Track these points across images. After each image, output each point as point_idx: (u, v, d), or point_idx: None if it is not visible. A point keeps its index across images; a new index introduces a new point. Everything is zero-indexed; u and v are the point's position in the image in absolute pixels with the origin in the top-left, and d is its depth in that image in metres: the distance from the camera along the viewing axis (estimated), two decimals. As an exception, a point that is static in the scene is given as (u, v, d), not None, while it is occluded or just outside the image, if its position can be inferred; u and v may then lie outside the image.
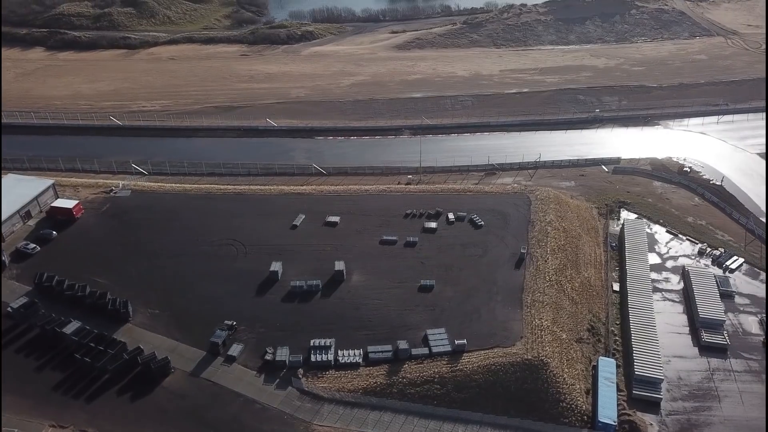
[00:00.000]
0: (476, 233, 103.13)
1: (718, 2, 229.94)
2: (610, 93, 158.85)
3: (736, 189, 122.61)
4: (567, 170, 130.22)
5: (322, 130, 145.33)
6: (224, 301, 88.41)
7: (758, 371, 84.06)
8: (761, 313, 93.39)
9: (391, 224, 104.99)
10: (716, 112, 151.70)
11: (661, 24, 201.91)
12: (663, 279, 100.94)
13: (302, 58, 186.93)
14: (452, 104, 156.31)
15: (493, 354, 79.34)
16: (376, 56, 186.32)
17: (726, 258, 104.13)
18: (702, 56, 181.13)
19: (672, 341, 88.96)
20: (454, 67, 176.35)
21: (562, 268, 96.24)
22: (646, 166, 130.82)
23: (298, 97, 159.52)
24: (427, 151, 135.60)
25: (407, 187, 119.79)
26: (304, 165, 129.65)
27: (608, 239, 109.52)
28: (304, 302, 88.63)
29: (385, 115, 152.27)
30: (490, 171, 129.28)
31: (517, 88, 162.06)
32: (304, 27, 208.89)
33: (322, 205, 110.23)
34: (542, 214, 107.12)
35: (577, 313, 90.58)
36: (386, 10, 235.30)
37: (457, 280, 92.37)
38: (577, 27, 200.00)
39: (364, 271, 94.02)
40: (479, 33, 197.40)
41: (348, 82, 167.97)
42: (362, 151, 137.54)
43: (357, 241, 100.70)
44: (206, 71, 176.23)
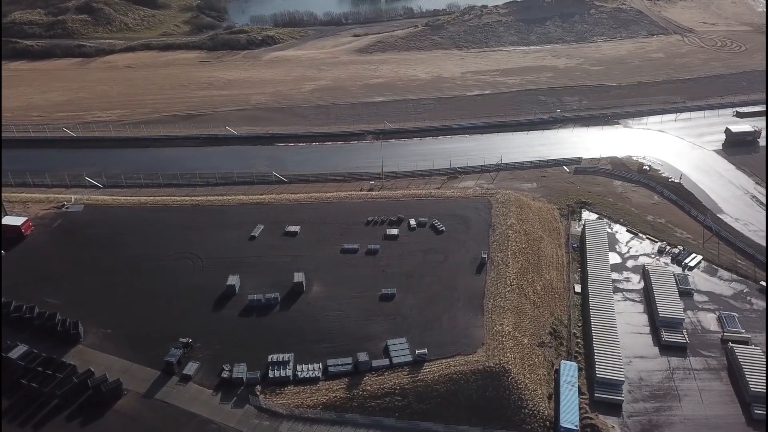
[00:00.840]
0: (438, 239, 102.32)
1: (675, 1, 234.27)
2: (571, 93, 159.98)
3: (694, 186, 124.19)
4: (529, 172, 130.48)
5: (283, 137, 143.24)
6: (180, 318, 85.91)
7: (717, 368, 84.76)
8: (719, 310, 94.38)
9: (352, 232, 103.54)
10: (674, 109, 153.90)
11: (620, 23, 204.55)
12: (624, 279, 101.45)
13: (263, 63, 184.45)
14: (414, 108, 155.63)
15: (455, 362, 78.42)
16: (337, 60, 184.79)
17: (685, 256, 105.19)
18: (660, 54, 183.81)
19: (633, 341, 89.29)
20: (416, 70, 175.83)
21: (523, 272, 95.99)
22: (607, 166, 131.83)
23: (258, 103, 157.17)
24: (390, 155, 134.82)
25: (369, 193, 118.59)
26: (264, 173, 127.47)
27: (570, 240, 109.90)
28: (262, 316, 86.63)
29: (347, 120, 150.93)
30: (452, 175, 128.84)
31: (479, 90, 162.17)
32: (264, 32, 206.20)
33: (281, 215, 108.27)
34: (503, 217, 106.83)
35: (539, 317, 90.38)
36: (348, 13, 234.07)
37: (419, 287, 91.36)
38: (538, 27, 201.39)
39: (325, 282, 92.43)
40: (441, 35, 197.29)
41: (309, 87, 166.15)
42: (324, 157, 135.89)
43: (317, 250, 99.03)
44: (164, 79, 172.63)
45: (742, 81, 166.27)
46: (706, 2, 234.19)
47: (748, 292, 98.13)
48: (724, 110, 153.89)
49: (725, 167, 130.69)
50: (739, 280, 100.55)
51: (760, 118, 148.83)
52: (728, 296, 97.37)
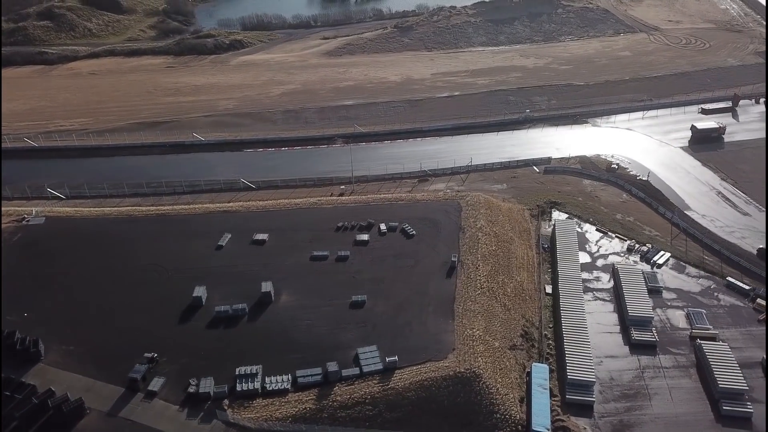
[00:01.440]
0: (408, 243, 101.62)
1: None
2: (540, 93, 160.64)
3: (661, 183, 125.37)
4: (499, 173, 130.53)
5: (252, 143, 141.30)
6: (145, 332, 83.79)
7: (686, 366, 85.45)
8: (687, 307, 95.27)
9: (322, 239, 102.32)
10: (641, 107, 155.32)
11: (587, 22, 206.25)
12: (594, 278, 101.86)
13: (231, 68, 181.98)
14: (385, 110, 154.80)
15: (425, 369, 77.72)
16: (306, 63, 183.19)
17: (653, 253, 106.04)
18: (626, 53, 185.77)
19: (604, 341, 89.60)
20: (386, 72, 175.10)
21: (493, 274, 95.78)
22: (576, 165, 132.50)
23: (226, 109, 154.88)
24: (360, 159, 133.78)
25: (339, 198, 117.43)
26: (232, 180, 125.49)
27: (540, 241, 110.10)
28: (229, 328, 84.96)
29: (316, 124, 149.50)
30: (423, 178, 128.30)
31: (448, 91, 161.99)
32: (232, 36, 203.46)
33: (249, 222, 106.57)
34: (473, 220, 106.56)
35: (510, 320, 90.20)
36: (318, 15, 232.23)
37: (389, 293, 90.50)
38: (506, 28, 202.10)
39: (294, 291, 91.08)
40: (410, 36, 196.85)
41: (278, 91, 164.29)
42: (293, 162, 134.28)
43: (286, 258, 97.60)
44: (129, 85, 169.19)
45: (706, 78, 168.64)
46: (671, 0, 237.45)
47: (715, 288, 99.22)
48: (690, 107, 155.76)
49: (691, 164, 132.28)
50: (706, 277, 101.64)
51: (724, 115, 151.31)
52: (696, 293, 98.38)
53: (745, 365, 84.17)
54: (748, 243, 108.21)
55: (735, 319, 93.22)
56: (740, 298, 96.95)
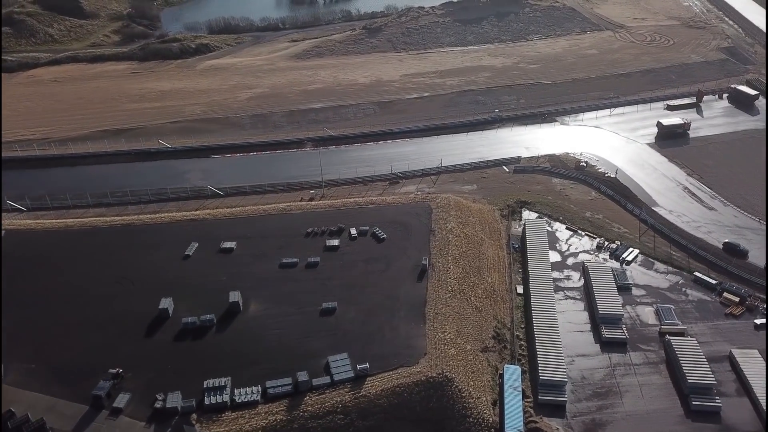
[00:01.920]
0: (379, 247, 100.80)
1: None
2: (509, 92, 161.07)
3: (629, 180, 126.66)
4: (469, 173, 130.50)
5: (219, 148, 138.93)
6: (110, 347, 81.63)
7: (656, 362, 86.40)
8: (656, 303, 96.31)
9: (291, 245, 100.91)
10: (608, 105, 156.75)
11: (554, 21, 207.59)
12: (565, 277, 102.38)
13: (197, 72, 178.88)
14: (354, 113, 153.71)
15: (397, 375, 77.07)
16: (275, 67, 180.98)
17: (622, 251, 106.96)
18: (593, 51, 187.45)
19: (575, 340, 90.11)
20: (355, 75, 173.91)
21: (464, 276, 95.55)
22: (545, 164, 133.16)
23: (193, 114, 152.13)
24: (331, 163, 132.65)
25: (309, 203, 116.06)
26: (200, 187, 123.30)
27: (510, 241, 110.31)
28: (197, 340, 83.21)
29: (285, 128, 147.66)
30: (394, 180, 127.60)
31: (418, 92, 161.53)
32: (198, 40, 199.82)
33: (217, 231, 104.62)
34: (443, 222, 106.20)
35: (482, 322, 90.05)
36: (286, 18, 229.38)
37: (360, 298, 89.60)
38: (475, 27, 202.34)
39: (263, 299, 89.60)
40: (379, 38, 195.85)
41: (246, 95, 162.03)
42: (262, 167, 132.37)
43: (255, 266, 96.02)
44: (93, 93, 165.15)
45: (671, 74, 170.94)
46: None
47: (683, 284, 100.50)
48: (656, 104, 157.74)
49: (658, 160, 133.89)
50: (674, 272, 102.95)
51: (689, 111, 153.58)
52: (664, 288, 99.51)
53: (713, 359, 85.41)
54: (714, 237, 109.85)
55: (703, 313, 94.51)
56: (707, 293, 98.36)
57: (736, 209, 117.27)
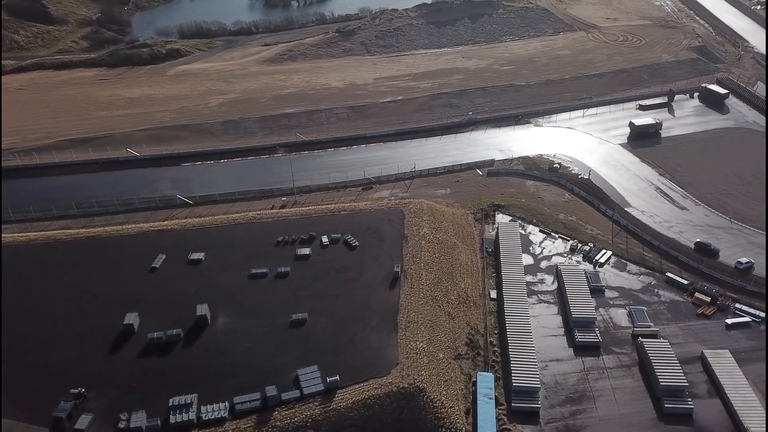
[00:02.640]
0: (351, 255, 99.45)
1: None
2: (482, 95, 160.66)
3: (602, 181, 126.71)
4: (443, 177, 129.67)
5: (190, 156, 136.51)
6: (72, 366, 79.27)
7: (629, 365, 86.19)
8: (629, 305, 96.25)
9: (261, 255, 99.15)
10: (581, 106, 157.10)
11: (528, 22, 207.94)
12: (538, 280, 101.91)
13: (167, 78, 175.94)
14: (327, 118, 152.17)
15: (368, 387, 75.79)
16: (247, 72, 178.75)
17: (595, 252, 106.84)
18: (566, 52, 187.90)
19: (549, 344, 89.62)
20: (328, 79, 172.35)
21: (437, 283, 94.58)
22: (519, 166, 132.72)
23: (162, 121, 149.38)
24: (303, 169, 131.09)
25: (280, 211, 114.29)
26: (169, 197, 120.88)
27: (484, 245, 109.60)
28: (163, 356, 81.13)
29: (257, 134, 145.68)
30: (367, 186, 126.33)
31: (391, 96, 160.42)
32: (169, 45, 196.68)
33: (185, 242, 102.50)
34: (416, 228, 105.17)
35: (455, 328, 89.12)
36: (259, 21, 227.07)
37: (331, 309, 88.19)
38: (448, 29, 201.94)
39: (231, 312, 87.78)
40: (352, 41, 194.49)
41: (217, 101, 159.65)
42: (233, 174, 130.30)
43: (223, 278, 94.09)
44: (60, 101, 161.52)
45: (643, 74, 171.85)
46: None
47: (655, 285, 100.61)
48: (628, 104, 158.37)
49: (630, 160, 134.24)
50: (646, 273, 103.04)
51: (661, 110, 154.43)
52: (637, 290, 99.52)
53: (685, 360, 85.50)
54: (685, 237, 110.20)
55: (675, 314, 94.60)
56: (679, 293, 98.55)
57: (708, 209, 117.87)
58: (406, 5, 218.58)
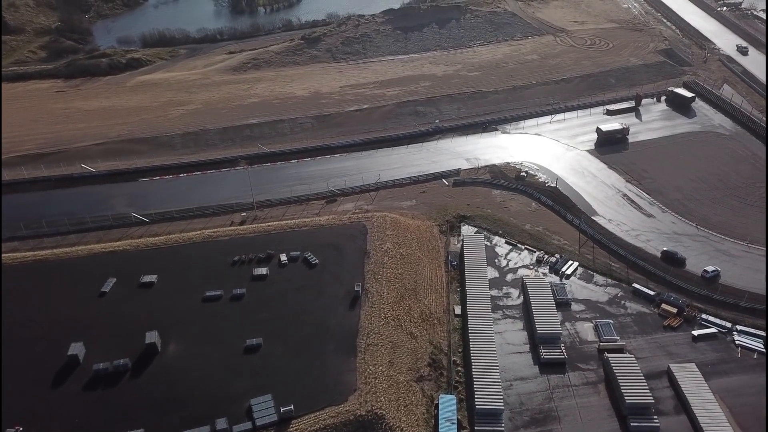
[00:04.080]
0: (310, 274, 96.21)
1: (548, 0, 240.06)
2: (449, 101, 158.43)
3: (569, 189, 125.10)
4: (408, 188, 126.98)
5: (148, 171, 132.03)
6: (10, 402, 74.80)
7: (595, 382, 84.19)
8: (596, 318, 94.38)
9: (216, 276, 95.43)
10: (549, 111, 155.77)
11: (495, 26, 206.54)
12: (504, 294, 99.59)
13: (127, 89, 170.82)
14: (291, 128, 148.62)
15: (324, 415, 72.71)
16: (209, 81, 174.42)
17: (562, 264, 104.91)
18: (534, 56, 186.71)
19: (513, 363, 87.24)
20: (292, 87, 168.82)
21: (399, 300, 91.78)
22: (485, 175, 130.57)
23: (120, 135, 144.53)
24: (265, 182, 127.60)
25: (238, 228, 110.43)
26: (124, 214, 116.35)
27: (449, 258, 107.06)
28: (109, 388, 77.12)
29: (218, 146, 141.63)
30: (331, 198, 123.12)
31: (357, 104, 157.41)
32: (129, 54, 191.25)
33: (137, 263, 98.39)
34: (378, 243, 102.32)
35: (417, 349, 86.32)
36: (224, 28, 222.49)
37: (288, 332, 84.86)
38: (416, 35, 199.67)
39: (183, 338, 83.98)
40: (318, 48, 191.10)
41: (178, 112, 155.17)
42: (192, 189, 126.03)
43: (176, 302, 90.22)
44: (12, 114, 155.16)
45: (610, 78, 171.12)
46: (576, 1, 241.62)
47: (622, 296, 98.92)
48: (596, 109, 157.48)
49: (598, 167, 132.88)
50: (613, 284, 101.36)
51: (628, 115, 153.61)
52: (604, 302, 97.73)
53: (651, 376, 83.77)
54: (652, 246, 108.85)
55: (641, 326, 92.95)
56: (646, 304, 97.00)
57: (674, 215, 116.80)
58: (373, 10, 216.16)
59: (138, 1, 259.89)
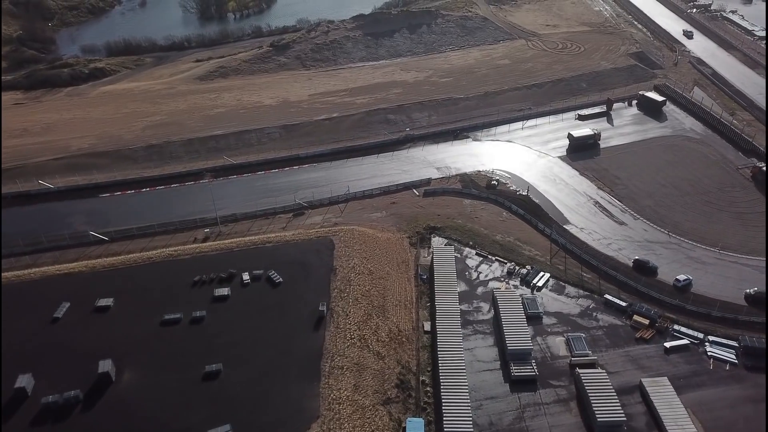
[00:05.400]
0: (273, 293, 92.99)
1: (520, 4, 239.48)
2: (420, 109, 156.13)
3: (541, 197, 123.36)
4: (378, 199, 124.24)
5: (109, 186, 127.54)
6: (-48, 441, 70.95)
7: (566, 399, 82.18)
8: (567, 332, 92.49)
9: (176, 298, 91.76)
10: (521, 117, 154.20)
11: (467, 31, 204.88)
12: (474, 309, 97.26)
13: (89, 101, 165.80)
14: (258, 138, 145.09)
15: (285, 446, 69.78)
16: (175, 91, 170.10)
17: (533, 275, 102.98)
18: (505, 61, 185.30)
19: (484, 381, 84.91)
20: (260, 96, 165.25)
21: (366, 319, 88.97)
22: (456, 184, 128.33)
23: (81, 148, 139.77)
24: (230, 195, 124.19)
25: (200, 246, 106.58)
26: (81, 233, 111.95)
27: (419, 271, 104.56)
28: (59, 422, 73.19)
29: (183, 159, 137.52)
30: (299, 212, 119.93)
31: (326, 113, 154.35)
32: (93, 64, 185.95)
33: (93, 286, 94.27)
34: (346, 258, 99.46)
35: (384, 370, 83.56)
36: (192, 36, 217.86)
37: (249, 357, 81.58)
38: (386, 41, 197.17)
39: (139, 366, 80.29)
40: (287, 55, 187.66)
41: (141, 124, 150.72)
42: (155, 204, 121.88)
43: (133, 327, 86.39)
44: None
45: (582, 83, 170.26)
46: (548, 4, 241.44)
47: (593, 308, 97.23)
48: (567, 114, 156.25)
49: (569, 174, 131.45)
50: (585, 296, 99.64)
51: (600, 120, 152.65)
52: (575, 315, 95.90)
53: (623, 391, 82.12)
54: (624, 255, 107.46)
55: (613, 339, 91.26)
56: (618, 316, 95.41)
57: (646, 222, 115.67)
58: (344, 15, 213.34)
59: (104, 9, 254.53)
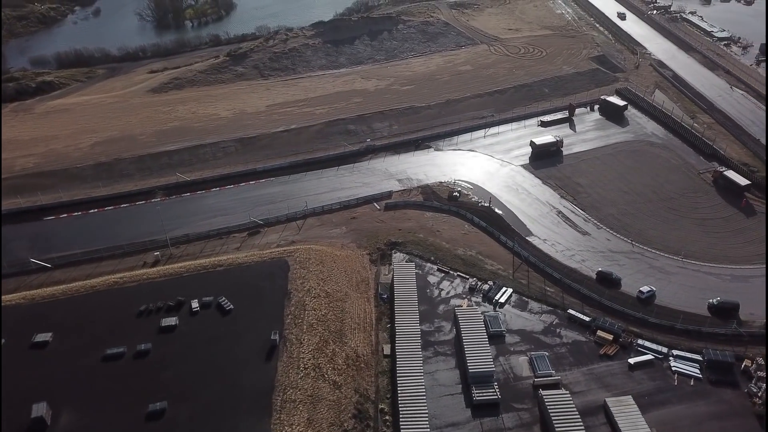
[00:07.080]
0: (224, 322, 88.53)
1: (482, 8, 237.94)
2: (381, 119, 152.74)
3: (503, 208, 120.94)
4: (338, 214, 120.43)
5: (53, 208, 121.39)
6: None
7: (529, 422, 79.50)
8: (531, 350, 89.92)
9: (120, 330, 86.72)
10: (483, 125, 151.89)
11: (429, 37, 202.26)
12: (435, 329, 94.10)
13: (35, 117, 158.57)
14: (213, 153, 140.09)
15: (232, 492, 65.58)
16: (127, 104, 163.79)
17: (495, 291, 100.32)
18: (468, 67, 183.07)
19: (444, 406, 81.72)
20: (216, 108, 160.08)
21: (321, 346, 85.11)
22: (418, 197, 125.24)
23: (24, 168, 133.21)
24: (183, 214, 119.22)
25: (147, 271, 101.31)
26: (22, 260, 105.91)
27: (379, 290, 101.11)
28: (-14, 475, 68.17)
29: (134, 177, 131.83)
30: (254, 230, 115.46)
31: (284, 125, 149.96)
32: (41, 77, 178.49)
33: (31, 319, 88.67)
34: (301, 281, 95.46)
35: (341, 400, 79.81)
36: (147, 46, 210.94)
37: (196, 392, 77.13)
38: (347, 48, 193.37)
39: (78, 407, 75.20)
40: (244, 65, 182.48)
41: (90, 141, 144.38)
42: (103, 226, 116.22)
43: (72, 363, 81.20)
44: None
45: (544, 88, 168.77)
46: (510, 7, 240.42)
47: (557, 324, 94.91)
48: (530, 120, 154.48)
49: (532, 183, 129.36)
50: (548, 311, 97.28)
51: (562, 126, 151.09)
52: (539, 332, 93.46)
53: (587, 412, 79.81)
54: (587, 266, 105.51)
55: (577, 357, 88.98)
56: (582, 332, 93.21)
57: (609, 231, 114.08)
58: (304, 23, 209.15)
59: (55, 18, 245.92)
